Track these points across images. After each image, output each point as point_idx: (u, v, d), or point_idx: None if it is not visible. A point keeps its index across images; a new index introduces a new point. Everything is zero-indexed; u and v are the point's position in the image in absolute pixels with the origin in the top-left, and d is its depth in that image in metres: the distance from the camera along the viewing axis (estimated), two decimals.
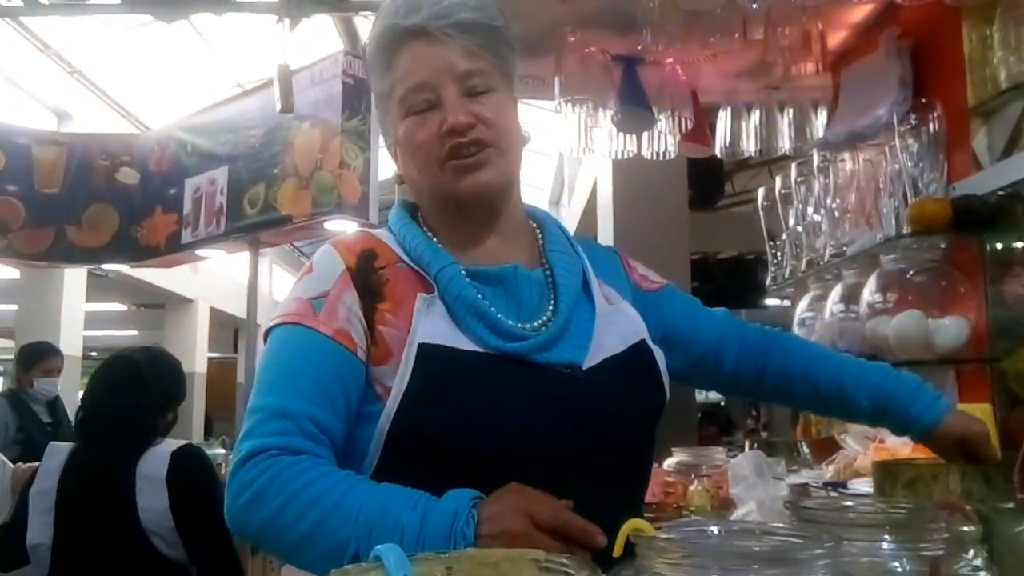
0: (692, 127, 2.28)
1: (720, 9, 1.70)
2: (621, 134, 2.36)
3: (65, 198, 4.59)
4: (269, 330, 0.95)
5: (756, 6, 1.57)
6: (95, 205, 4.62)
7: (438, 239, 0.99)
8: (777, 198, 2.26)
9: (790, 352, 1.15)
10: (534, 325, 0.95)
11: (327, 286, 0.93)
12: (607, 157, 2.46)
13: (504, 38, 0.98)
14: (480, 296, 0.93)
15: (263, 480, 0.83)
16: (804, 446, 2.55)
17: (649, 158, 2.44)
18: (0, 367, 13.78)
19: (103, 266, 5.65)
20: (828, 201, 2.06)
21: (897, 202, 1.82)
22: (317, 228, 3.89)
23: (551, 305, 0.98)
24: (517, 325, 0.94)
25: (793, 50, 1.83)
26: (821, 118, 2.38)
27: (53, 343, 4.41)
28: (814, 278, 2.14)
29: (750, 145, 2.46)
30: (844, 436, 2.08)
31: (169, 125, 4.74)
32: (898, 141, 1.81)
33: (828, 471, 2.04)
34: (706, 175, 3.56)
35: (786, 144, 2.42)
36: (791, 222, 2.23)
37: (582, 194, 5.53)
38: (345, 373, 0.90)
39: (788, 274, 2.26)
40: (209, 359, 11.24)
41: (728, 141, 2.46)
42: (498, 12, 0.98)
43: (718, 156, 2.46)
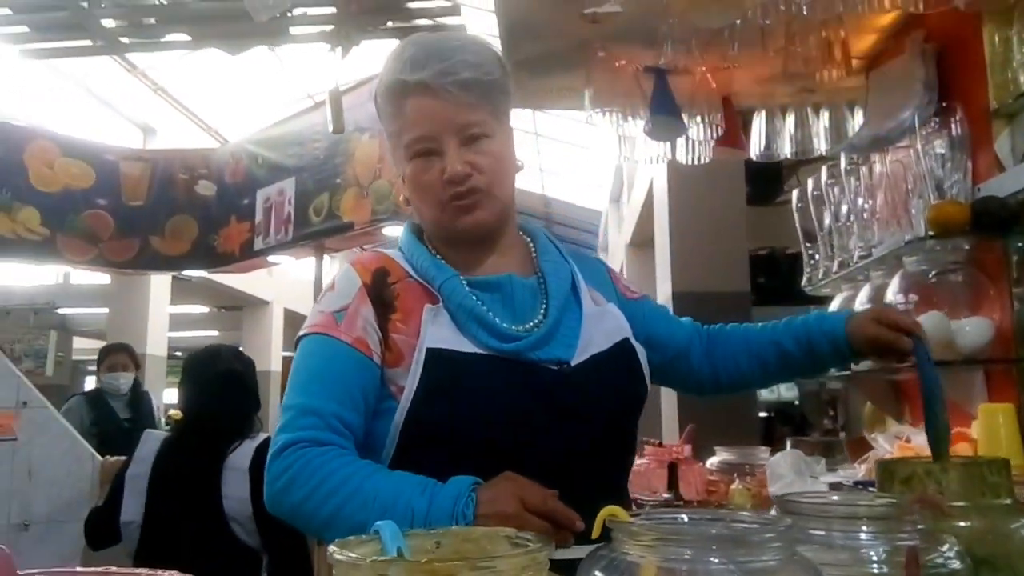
0: (724, 132, 2.33)
1: (738, 22, 1.75)
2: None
3: (149, 210, 4.87)
4: (299, 339, 1.10)
5: (768, 22, 1.62)
6: (176, 216, 4.90)
7: (441, 256, 1.12)
8: (809, 200, 2.29)
9: (732, 335, 1.28)
10: (527, 326, 1.07)
11: (347, 300, 1.07)
12: (641, 164, 2.52)
13: (500, 88, 1.10)
14: (480, 303, 1.06)
15: (295, 468, 0.97)
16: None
17: (685, 163, 2.50)
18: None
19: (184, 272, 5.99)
20: (859, 202, 2.09)
21: (924, 204, 1.85)
22: (376, 234, 4.04)
23: (543, 308, 1.10)
24: (512, 327, 1.06)
25: (815, 59, 1.87)
26: (857, 118, 2.39)
27: (134, 344, 4.73)
28: (845, 279, 2.16)
29: (785, 147, 2.49)
30: (875, 436, 2.10)
31: (242, 139, 5.00)
32: (922, 144, 1.83)
33: (861, 470, 2.06)
34: (763, 171, 3.51)
35: (822, 145, 2.45)
36: (826, 223, 2.26)
37: (640, 192, 5.53)
38: (364, 376, 1.04)
39: (822, 275, 2.28)
40: (284, 358, 11.69)
41: (763, 144, 2.51)
42: (496, 65, 1.10)
43: (752, 158, 2.50)
